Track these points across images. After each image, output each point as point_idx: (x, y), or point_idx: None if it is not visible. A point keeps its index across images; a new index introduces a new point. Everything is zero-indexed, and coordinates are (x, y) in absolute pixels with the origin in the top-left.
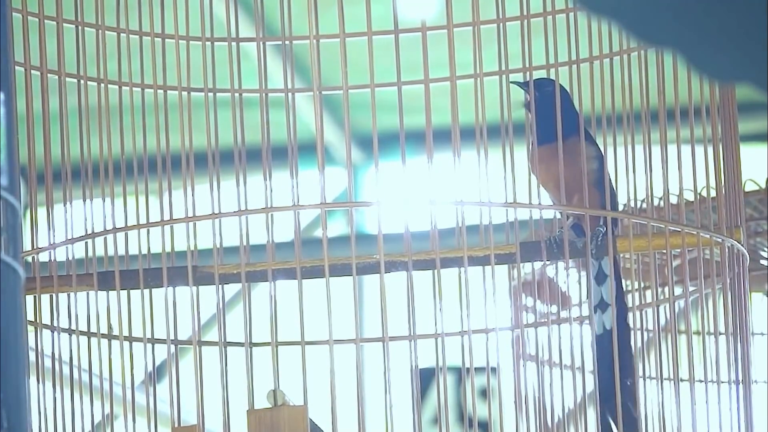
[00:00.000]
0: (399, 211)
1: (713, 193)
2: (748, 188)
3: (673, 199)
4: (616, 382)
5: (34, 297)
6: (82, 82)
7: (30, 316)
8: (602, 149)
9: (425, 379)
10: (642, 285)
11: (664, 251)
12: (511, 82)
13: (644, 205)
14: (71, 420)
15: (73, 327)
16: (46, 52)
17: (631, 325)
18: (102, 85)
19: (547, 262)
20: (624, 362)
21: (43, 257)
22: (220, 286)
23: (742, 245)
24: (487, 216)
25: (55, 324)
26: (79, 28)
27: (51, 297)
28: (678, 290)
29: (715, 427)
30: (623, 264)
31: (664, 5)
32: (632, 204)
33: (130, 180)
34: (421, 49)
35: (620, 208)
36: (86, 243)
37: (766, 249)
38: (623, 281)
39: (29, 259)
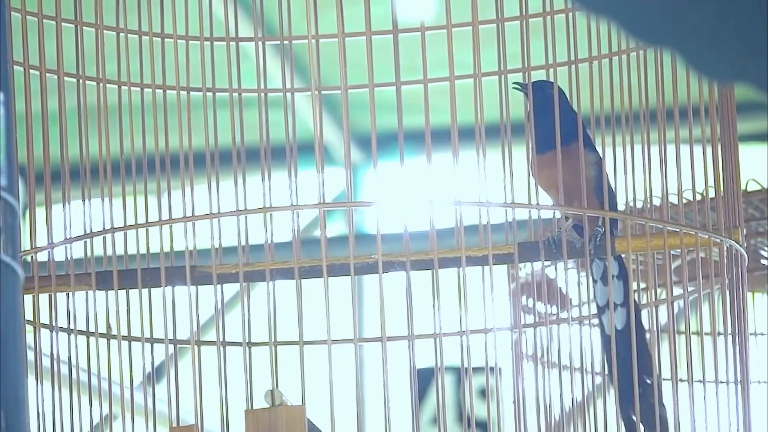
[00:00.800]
0: (398, 211)
1: (712, 194)
2: (750, 188)
3: (673, 199)
4: (633, 383)
5: (33, 296)
6: (81, 81)
7: (28, 316)
8: (601, 150)
9: (424, 379)
10: (641, 285)
11: (664, 251)
12: (514, 83)
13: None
14: (70, 420)
15: (72, 327)
16: (45, 51)
17: (645, 324)
18: (101, 84)
19: (547, 263)
20: (642, 361)
21: (42, 257)
22: (218, 285)
23: (740, 245)
24: (486, 216)
25: (54, 324)
26: (78, 27)
27: (50, 296)
28: (677, 291)
29: (714, 428)
30: None
31: (663, 5)
32: (631, 204)
33: (128, 180)
34: (420, 49)
35: (620, 209)
36: (85, 243)
37: (766, 249)
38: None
39: (28, 258)
